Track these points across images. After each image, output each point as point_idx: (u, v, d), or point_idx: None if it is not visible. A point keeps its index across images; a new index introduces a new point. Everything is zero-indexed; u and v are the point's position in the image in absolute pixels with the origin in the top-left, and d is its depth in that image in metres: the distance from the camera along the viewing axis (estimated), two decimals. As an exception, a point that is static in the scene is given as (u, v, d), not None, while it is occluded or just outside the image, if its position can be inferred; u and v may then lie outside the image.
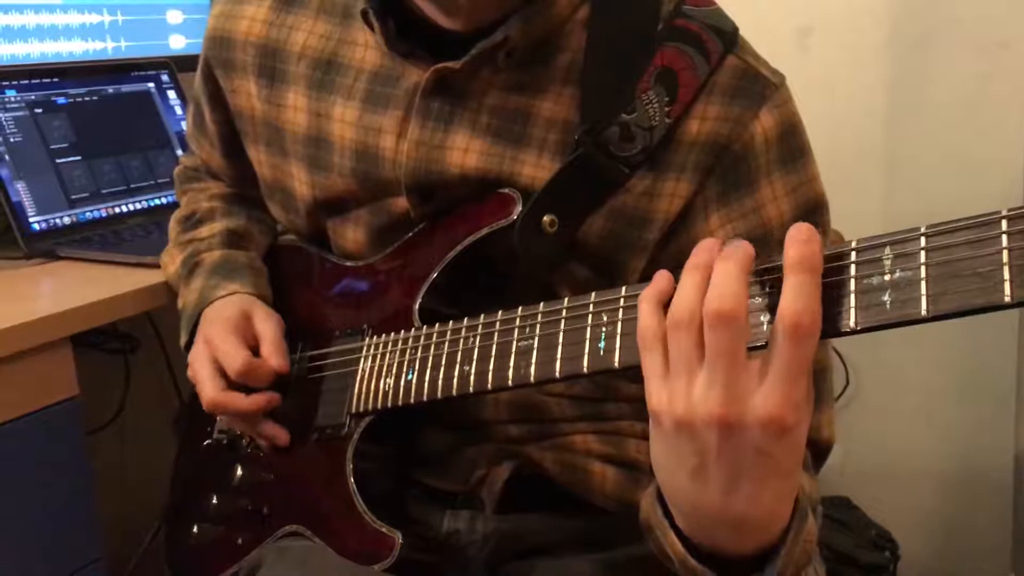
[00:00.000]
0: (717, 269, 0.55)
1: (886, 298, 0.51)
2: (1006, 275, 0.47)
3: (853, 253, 0.53)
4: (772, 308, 0.54)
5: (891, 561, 1.74)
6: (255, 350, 0.92)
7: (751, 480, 0.56)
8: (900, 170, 1.78)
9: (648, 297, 0.59)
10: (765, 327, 0.55)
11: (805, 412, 0.55)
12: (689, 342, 0.55)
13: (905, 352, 1.80)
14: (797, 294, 0.52)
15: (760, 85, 0.79)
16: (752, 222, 0.79)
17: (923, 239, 0.50)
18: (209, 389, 0.90)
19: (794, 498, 0.61)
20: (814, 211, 0.81)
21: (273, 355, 0.91)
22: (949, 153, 1.71)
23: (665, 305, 0.58)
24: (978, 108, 1.69)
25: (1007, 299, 0.47)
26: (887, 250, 0.52)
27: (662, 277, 0.59)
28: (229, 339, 0.91)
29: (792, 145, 0.80)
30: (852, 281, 0.53)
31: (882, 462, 1.86)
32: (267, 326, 0.93)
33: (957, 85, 1.70)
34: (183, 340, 0.99)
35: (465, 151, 0.82)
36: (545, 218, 0.79)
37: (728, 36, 0.79)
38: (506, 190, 0.81)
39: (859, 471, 1.84)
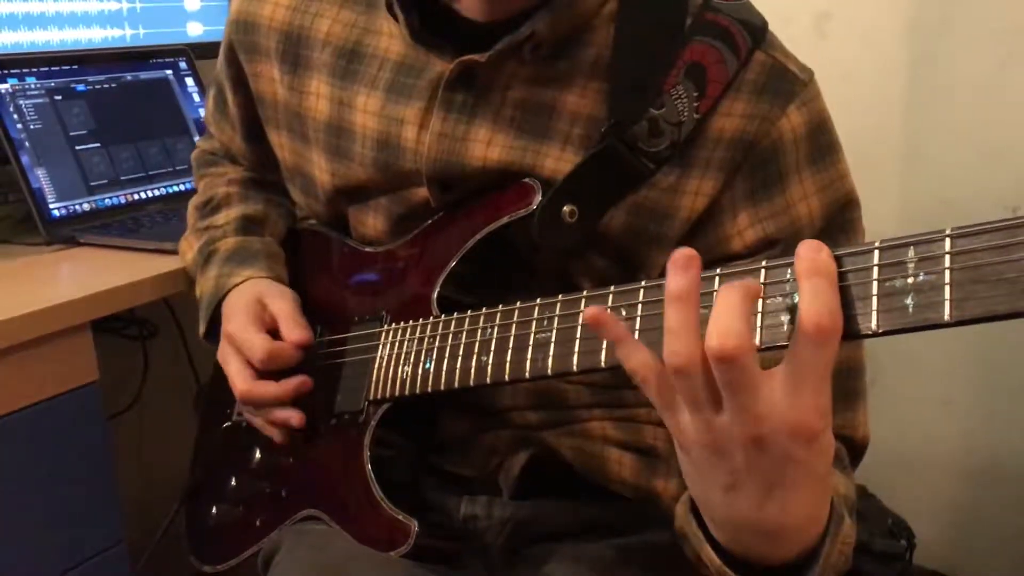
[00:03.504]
0: (719, 299, 0.53)
1: (909, 302, 0.50)
2: None
3: (876, 254, 0.52)
4: (791, 308, 0.54)
5: (907, 550, 1.73)
6: (275, 331, 0.92)
7: (785, 488, 0.56)
8: (919, 157, 1.77)
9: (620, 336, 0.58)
10: (785, 327, 0.54)
11: (830, 415, 0.55)
12: (697, 383, 0.54)
13: (925, 340, 1.77)
14: (814, 297, 0.51)
15: (788, 82, 0.78)
16: (782, 221, 0.78)
17: (948, 242, 0.49)
18: (239, 382, 0.91)
19: (828, 500, 0.61)
20: (844, 208, 0.80)
21: (291, 331, 0.91)
22: (969, 139, 1.70)
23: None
24: (999, 94, 1.68)
25: None
26: (911, 252, 0.50)
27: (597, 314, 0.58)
28: (247, 329, 0.91)
29: (822, 142, 0.79)
30: (875, 284, 0.52)
31: (899, 450, 1.85)
32: (281, 304, 0.94)
33: (977, 70, 1.68)
34: (201, 330, 1.00)
35: (487, 144, 0.82)
36: (565, 208, 0.79)
37: (758, 31, 0.79)
38: (527, 180, 0.81)
39: (876, 459, 1.81)
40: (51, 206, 1.35)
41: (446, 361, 0.79)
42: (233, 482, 1.02)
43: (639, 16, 0.80)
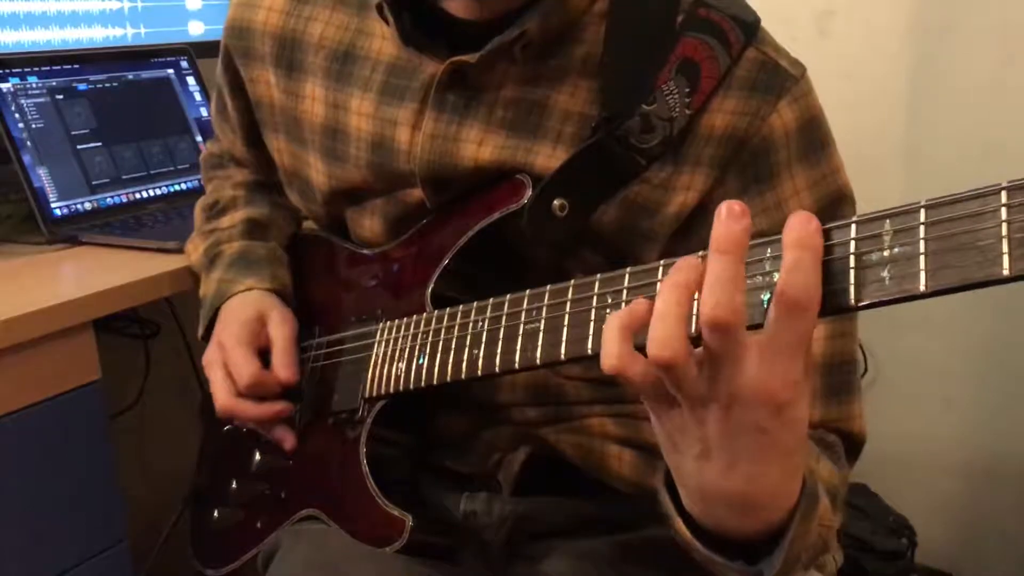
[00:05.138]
0: (713, 267, 0.53)
1: (885, 274, 0.51)
2: (1004, 248, 0.46)
3: (853, 229, 0.52)
4: (771, 287, 0.54)
5: (908, 548, 1.74)
6: (267, 352, 0.93)
7: (752, 459, 0.56)
8: (921, 156, 1.77)
9: (616, 324, 0.56)
10: (764, 305, 0.55)
11: (803, 388, 0.55)
12: (686, 376, 0.54)
13: (925, 338, 1.79)
14: (794, 270, 0.52)
15: (779, 77, 0.78)
16: (774, 217, 0.78)
17: (923, 213, 0.50)
18: (221, 395, 0.92)
19: (799, 478, 0.61)
20: (837, 204, 0.80)
21: (282, 367, 0.92)
22: (971, 139, 1.70)
23: (635, 331, 0.56)
24: (1000, 92, 1.67)
25: (1005, 273, 0.46)
26: (887, 225, 0.51)
27: (640, 304, 0.57)
28: (239, 349, 0.92)
29: (813, 138, 0.79)
30: (852, 258, 0.52)
31: (900, 448, 1.85)
32: (280, 331, 0.94)
33: (979, 69, 1.68)
34: (200, 331, 1.01)
35: (480, 144, 0.82)
36: (555, 202, 0.79)
37: (750, 27, 0.79)
38: (518, 176, 0.81)
39: (877, 457, 1.82)
40: (53, 205, 1.36)
41: (439, 355, 0.79)
42: (234, 485, 1.02)
43: (630, 13, 0.80)
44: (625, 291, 0.63)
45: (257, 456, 1.00)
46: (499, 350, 0.73)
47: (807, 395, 0.56)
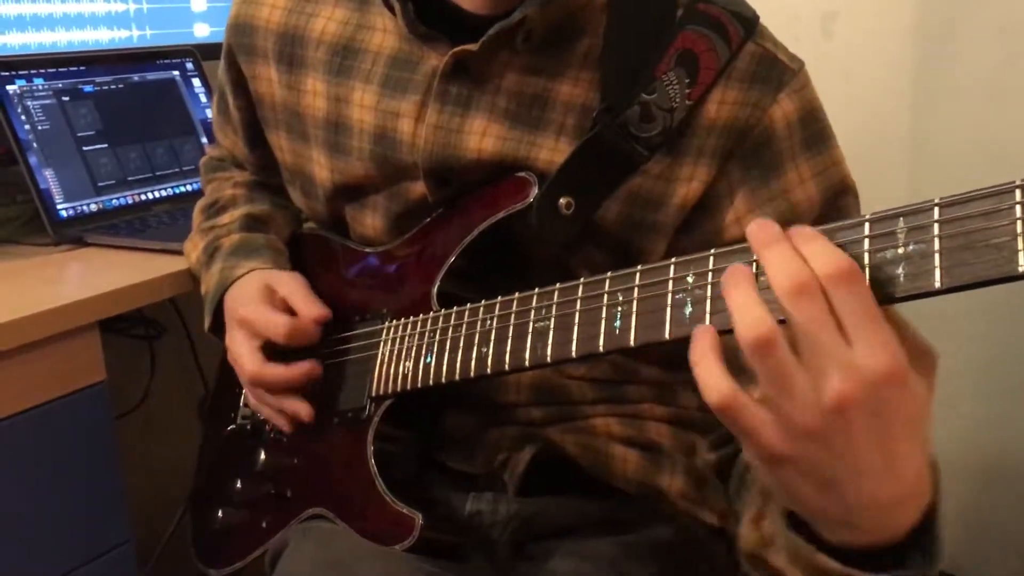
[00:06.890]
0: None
1: (899, 271, 0.51)
2: (1020, 246, 0.47)
3: (867, 227, 0.52)
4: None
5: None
6: (288, 313, 0.93)
7: (896, 440, 0.51)
8: (925, 156, 1.76)
9: (706, 353, 0.52)
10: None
11: (903, 351, 0.50)
12: (781, 353, 0.50)
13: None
14: (824, 249, 0.50)
15: (778, 70, 0.79)
16: (780, 206, 0.79)
17: (936, 211, 0.50)
18: (249, 364, 0.91)
19: (930, 448, 0.54)
20: (841, 194, 0.81)
21: (309, 307, 0.91)
22: (975, 138, 1.70)
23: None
24: (1003, 93, 1.67)
25: (1021, 269, 0.47)
26: (900, 223, 0.51)
27: (706, 331, 0.53)
28: (263, 309, 0.91)
29: (815, 129, 0.80)
30: (866, 255, 0.52)
31: (904, 450, 1.84)
32: (291, 285, 0.94)
33: (982, 69, 1.68)
34: (207, 323, 1.01)
35: (483, 135, 0.83)
36: (561, 200, 0.79)
37: (749, 23, 0.80)
38: (523, 173, 0.82)
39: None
40: (59, 206, 1.36)
41: (447, 354, 0.79)
42: (238, 486, 1.02)
43: (631, 6, 0.81)
44: (636, 289, 0.63)
45: (261, 456, 1.00)
46: (508, 348, 0.73)
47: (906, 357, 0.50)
